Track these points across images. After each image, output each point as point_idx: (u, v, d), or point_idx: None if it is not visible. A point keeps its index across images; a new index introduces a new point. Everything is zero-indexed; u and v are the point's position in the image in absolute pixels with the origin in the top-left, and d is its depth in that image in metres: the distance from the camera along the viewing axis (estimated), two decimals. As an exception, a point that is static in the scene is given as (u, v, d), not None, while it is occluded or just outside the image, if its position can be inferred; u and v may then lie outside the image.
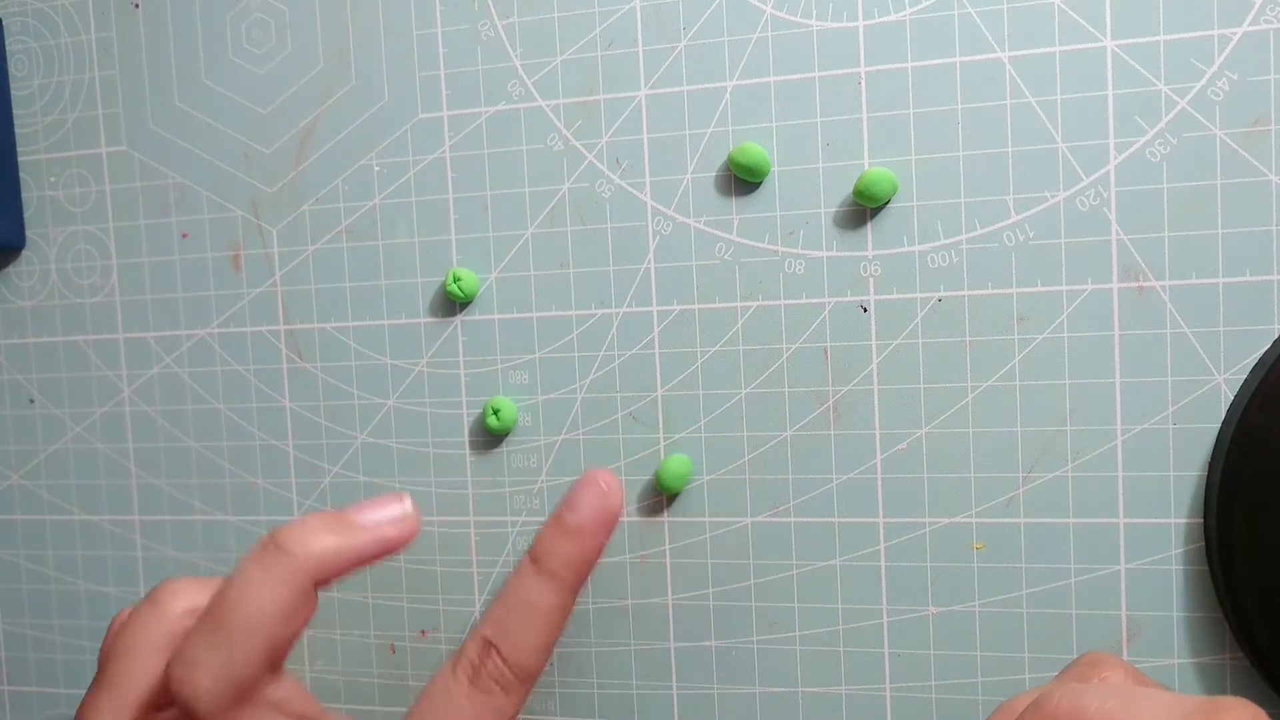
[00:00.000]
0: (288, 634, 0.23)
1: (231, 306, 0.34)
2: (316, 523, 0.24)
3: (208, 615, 0.23)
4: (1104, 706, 0.19)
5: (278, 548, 0.23)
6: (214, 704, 0.23)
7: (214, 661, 0.23)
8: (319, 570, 0.23)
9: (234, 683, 0.23)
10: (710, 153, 0.30)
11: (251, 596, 0.23)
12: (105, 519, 0.36)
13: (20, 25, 0.36)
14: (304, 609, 0.23)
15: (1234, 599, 0.27)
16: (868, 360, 0.29)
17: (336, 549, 0.24)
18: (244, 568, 0.23)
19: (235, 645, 0.23)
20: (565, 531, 0.27)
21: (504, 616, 0.26)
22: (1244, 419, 0.27)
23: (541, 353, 0.32)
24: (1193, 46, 0.27)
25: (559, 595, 0.26)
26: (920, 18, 0.28)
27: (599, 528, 0.27)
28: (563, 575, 0.26)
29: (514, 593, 0.26)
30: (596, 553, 0.27)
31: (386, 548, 0.24)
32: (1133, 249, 0.28)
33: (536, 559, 0.27)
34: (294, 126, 0.33)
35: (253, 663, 0.23)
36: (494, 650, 0.26)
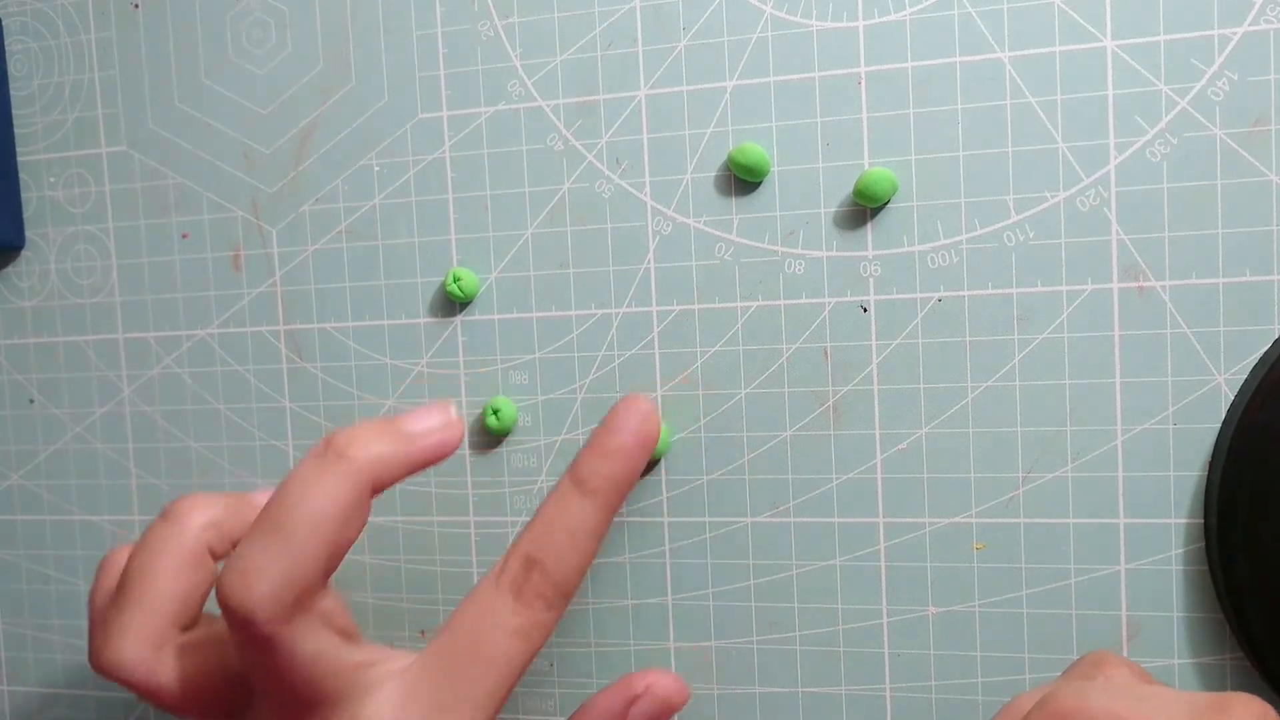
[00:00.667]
0: (346, 538, 0.23)
1: (231, 307, 0.34)
2: (371, 428, 0.24)
3: (263, 520, 0.22)
4: (1111, 705, 0.19)
5: (336, 451, 0.23)
6: (275, 613, 0.22)
7: (274, 568, 0.22)
8: (376, 475, 0.23)
9: (295, 590, 0.22)
10: (710, 153, 0.30)
11: (311, 499, 0.22)
12: (105, 519, 0.36)
13: (20, 25, 0.36)
14: (361, 514, 0.23)
15: (1234, 599, 0.27)
16: (868, 360, 0.29)
17: (391, 454, 0.23)
18: (301, 471, 0.23)
19: (295, 549, 0.22)
20: (607, 452, 0.26)
21: (546, 534, 0.25)
22: (1244, 419, 0.27)
23: (541, 353, 0.32)
24: (1193, 46, 0.27)
25: (600, 514, 0.26)
26: (920, 18, 0.28)
27: (641, 449, 0.26)
28: (605, 494, 0.26)
29: (556, 511, 0.26)
30: (635, 475, 0.27)
31: (436, 454, 0.24)
32: (1133, 249, 0.28)
33: (580, 479, 0.26)
34: (294, 126, 0.33)
35: (313, 568, 0.22)
36: (537, 565, 0.25)
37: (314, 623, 0.23)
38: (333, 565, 0.23)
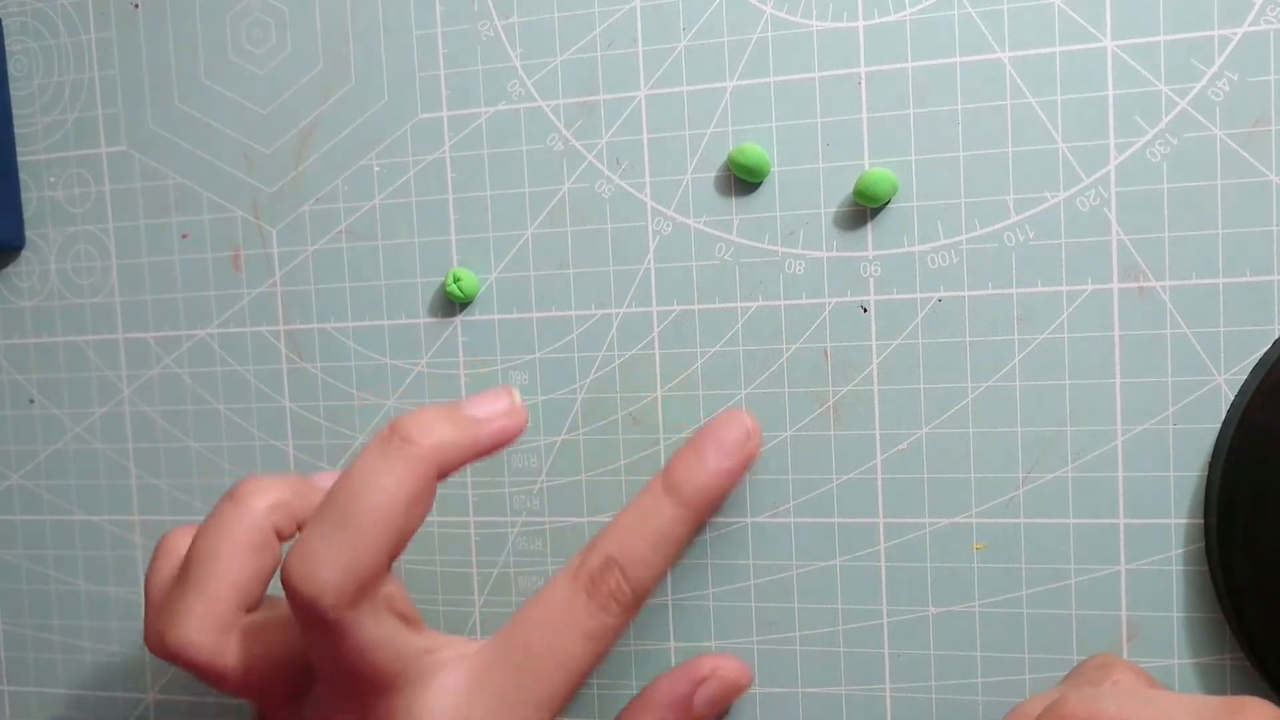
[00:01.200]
0: (410, 524, 0.22)
1: (231, 307, 0.34)
2: (436, 414, 0.23)
3: (329, 506, 0.22)
4: (1121, 710, 0.19)
5: (402, 437, 0.22)
6: (340, 599, 0.22)
7: (339, 554, 0.21)
8: (442, 462, 0.23)
9: (360, 576, 0.22)
10: (710, 153, 0.30)
11: (377, 485, 0.22)
12: (105, 519, 0.36)
13: (20, 25, 0.36)
14: (426, 502, 0.23)
15: (1234, 599, 0.27)
16: (868, 360, 0.29)
17: (456, 440, 0.23)
18: (366, 457, 0.22)
19: (361, 536, 0.22)
20: (709, 468, 0.26)
21: (631, 537, 0.25)
22: (1244, 419, 0.27)
23: (541, 353, 0.32)
24: (1193, 47, 0.27)
25: (689, 526, 0.25)
26: (920, 18, 0.28)
27: (742, 469, 0.27)
28: (698, 507, 0.26)
29: (645, 515, 0.25)
30: (730, 490, 0.26)
31: (501, 440, 0.24)
32: (1133, 249, 0.28)
33: (675, 487, 0.26)
34: (294, 126, 0.33)
35: (378, 555, 0.22)
36: (616, 567, 0.24)
37: (378, 608, 0.22)
38: (397, 552, 0.22)
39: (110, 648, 0.36)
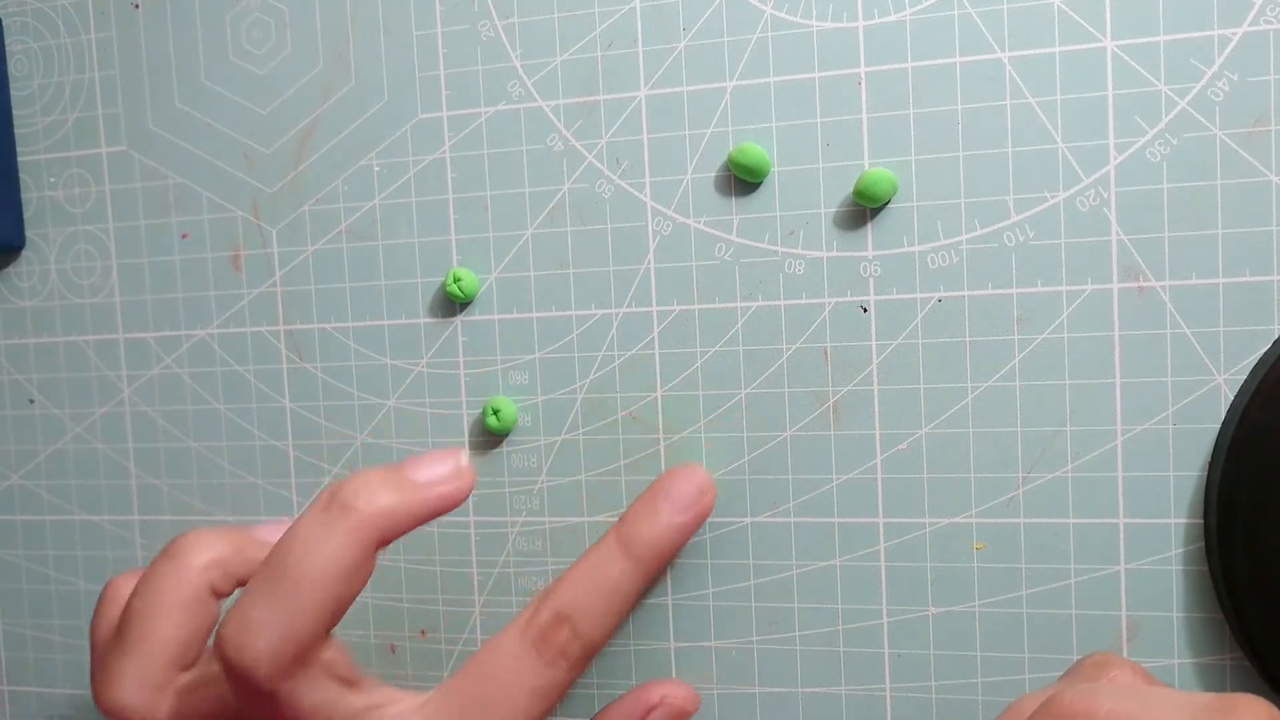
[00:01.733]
0: (349, 594, 0.22)
1: (231, 307, 0.34)
2: (377, 478, 0.23)
3: (266, 573, 0.22)
4: (1117, 706, 0.19)
5: (342, 504, 0.22)
6: (275, 669, 0.21)
7: (275, 624, 0.21)
8: (382, 529, 0.22)
9: (296, 646, 0.21)
10: (710, 153, 0.30)
11: (316, 554, 0.21)
12: (105, 519, 0.36)
13: (20, 25, 0.36)
14: (366, 569, 0.22)
15: (1234, 599, 0.27)
16: (868, 360, 0.29)
17: (397, 507, 0.22)
18: (305, 524, 0.22)
19: (298, 606, 0.21)
20: (661, 523, 0.26)
21: (583, 591, 0.25)
22: (1244, 419, 0.27)
23: (541, 353, 0.32)
24: (1193, 47, 0.27)
25: (638, 582, 0.25)
26: (920, 18, 0.28)
27: (695, 525, 0.27)
28: (649, 560, 0.25)
29: (597, 570, 0.25)
30: (681, 546, 0.27)
31: (444, 505, 0.23)
32: (1133, 249, 0.28)
33: (627, 541, 0.26)
34: (294, 126, 0.33)
35: (315, 625, 0.21)
36: (567, 623, 0.24)
37: (315, 675, 0.22)
38: (335, 620, 0.22)
39: (110, 648, 0.36)
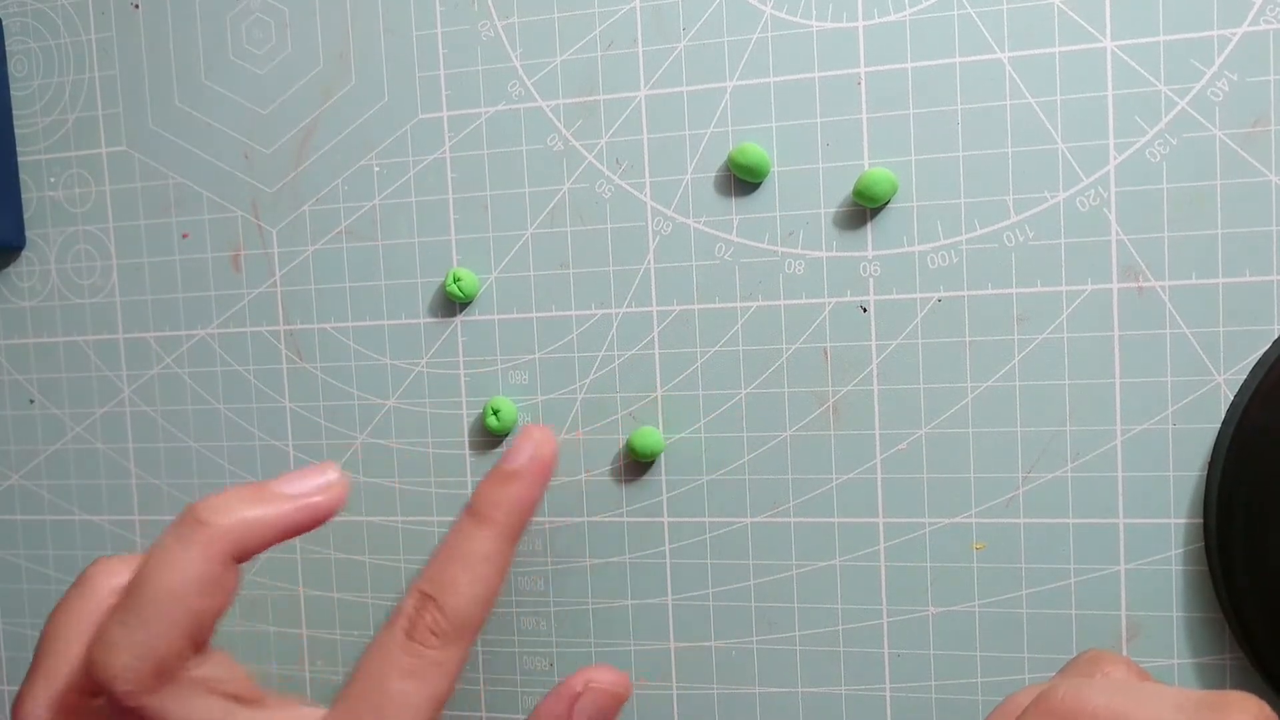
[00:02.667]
0: (208, 608, 0.22)
1: (231, 306, 0.34)
2: (237, 494, 0.23)
3: (125, 593, 0.22)
4: (1109, 702, 0.19)
5: (195, 519, 0.22)
6: (133, 684, 0.22)
7: (131, 640, 0.22)
8: (238, 542, 0.22)
9: (153, 661, 0.22)
10: (710, 153, 0.30)
11: (167, 570, 0.22)
12: (105, 519, 0.36)
13: (20, 25, 0.36)
14: (223, 582, 0.22)
15: (1234, 599, 0.27)
16: (868, 360, 0.29)
17: (256, 519, 0.23)
18: (161, 541, 0.22)
19: (151, 622, 0.22)
20: (501, 478, 0.26)
21: (440, 568, 0.25)
22: (1244, 419, 0.27)
23: (541, 353, 0.32)
24: (1193, 47, 0.27)
25: (496, 542, 0.25)
26: (920, 18, 0.28)
27: (534, 472, 0.26)
28: (499, 520, 0.26)
29: (451, 544, 0.26)
30: (532, 499, 0.26)
31: (310, 516, 0.24)
32: (1132, 249, 0.28)
33: (473, 509, 0.26)
34: (294, 127, 0.33)
35: (171, 639, 0.22)
36: (430, 602, 0.25)
37: (186, 692, 0.22)
38: (198, 634, 0.22)
39: (110, 648, 0.36)
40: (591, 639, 0.32)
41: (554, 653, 0.32)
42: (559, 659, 0.32)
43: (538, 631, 0.33)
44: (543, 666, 0.33)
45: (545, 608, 0.32)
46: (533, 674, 0.33)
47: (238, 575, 0.23)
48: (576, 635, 0.32)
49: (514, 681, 0.33)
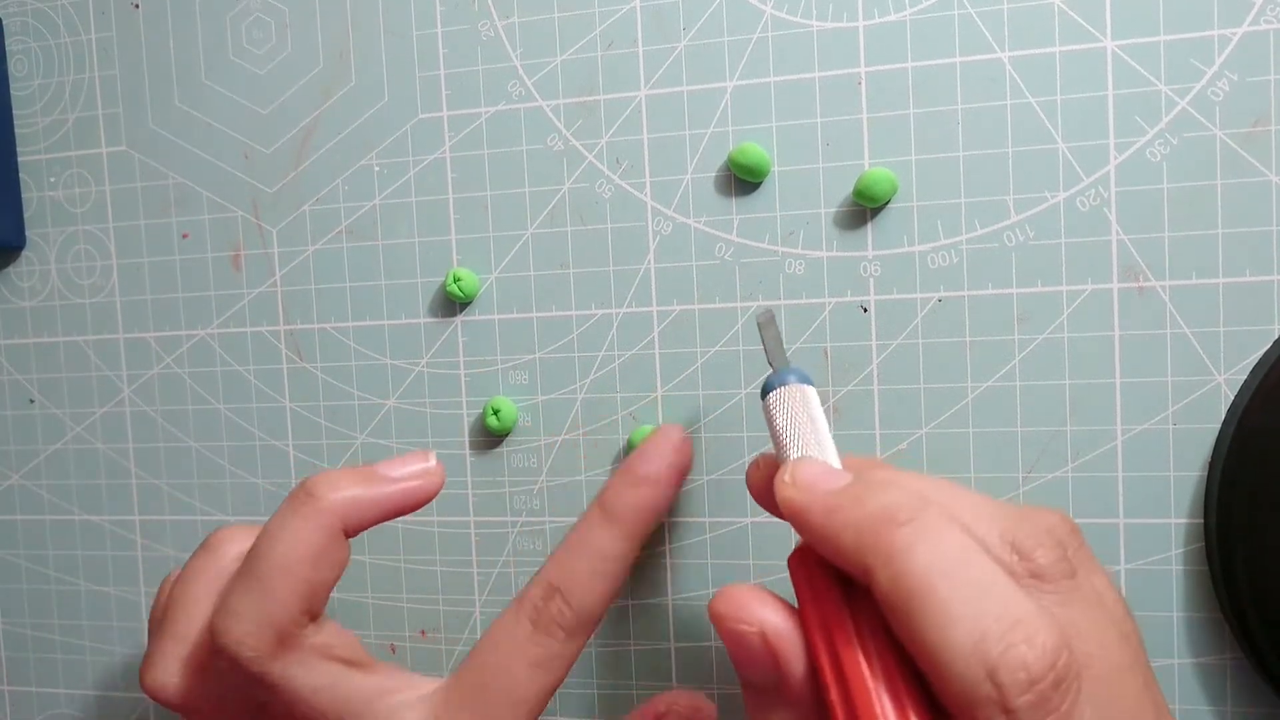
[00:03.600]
0: (321, 578, 0.24)
1: (231, 306, 0.34)
2: (347, 473, 0.25)
3: (244, 563, 0.24)
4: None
5: (307, 493, 0.24)
6: (257, 650, 0.23)
7: (250, 608, 0.23)
8: (346, 515, 0.24)
9: (273, 628, 0.23)
10: (710, 153, 0.30)
11: (284, 542, 0.23)
12: (105, 519, 0.36)
13: (20, 25, 0.36)
14: (334, 553, 0.24)
15: (1234, 599, 0.27)
16: (868, 360, 0.29)
17: (364, 497, 0.24)
18: (277, 515, 0.24)
19: (269, 590, 0.23)
20: (635, 480, 0.27)
21: (569, 561, 0.26)
22: (1244, 419, 0.27)
23: (541, 353, 0.32)
24: (1193, 46, 0.27)
25: (626, 542, 0.26)
26: (920, 18, 0.28)
27: (669, 477, 0.27)
28: (630, 522, 0.26)
29: (581, 538, 0.26)
30: (665, 503, 0.27)
31: (411, 499, 0.25)
32: (1133, 249, 0.28)
33: (605, 506, 0.26)
34: (294, 126, 0.33)
35: (289, 607, 0.23)
36: (558, 594, 0.25)
37: (307, 657, 0.24)
38: (314, 603, 0.24)
39: (110, 648, 0.36)
40: (592, 638, 0.32)
41: (554, 653, 0.32)
42: (559, 659, 0.32)
43: (538, 631, 0.33)
44: (543, 666, 0.33)
45: (545, 608, 0.32)
46: (533, 674, 0.33)
47: (347, 549, 0.24)
48: (576, 635, 0.32)
49: (514, 681, 0.33)
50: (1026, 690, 0.17)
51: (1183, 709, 0.28)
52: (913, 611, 0.18)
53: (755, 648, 0.20)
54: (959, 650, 0.17)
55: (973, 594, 0.18)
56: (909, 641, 0.18)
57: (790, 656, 0.20)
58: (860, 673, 0.18)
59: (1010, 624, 0.17)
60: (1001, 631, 0.17)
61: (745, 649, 0.20)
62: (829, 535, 0.20)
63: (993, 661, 0.17)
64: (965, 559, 0.18)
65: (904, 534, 0.18)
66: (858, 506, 0.19)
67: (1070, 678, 0.17)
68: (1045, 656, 0.17)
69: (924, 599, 0.18)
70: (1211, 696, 0.28)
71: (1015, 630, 0.17)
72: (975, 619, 0.17)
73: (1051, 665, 0.17)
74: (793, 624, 0.20)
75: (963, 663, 0.17)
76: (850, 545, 0.19)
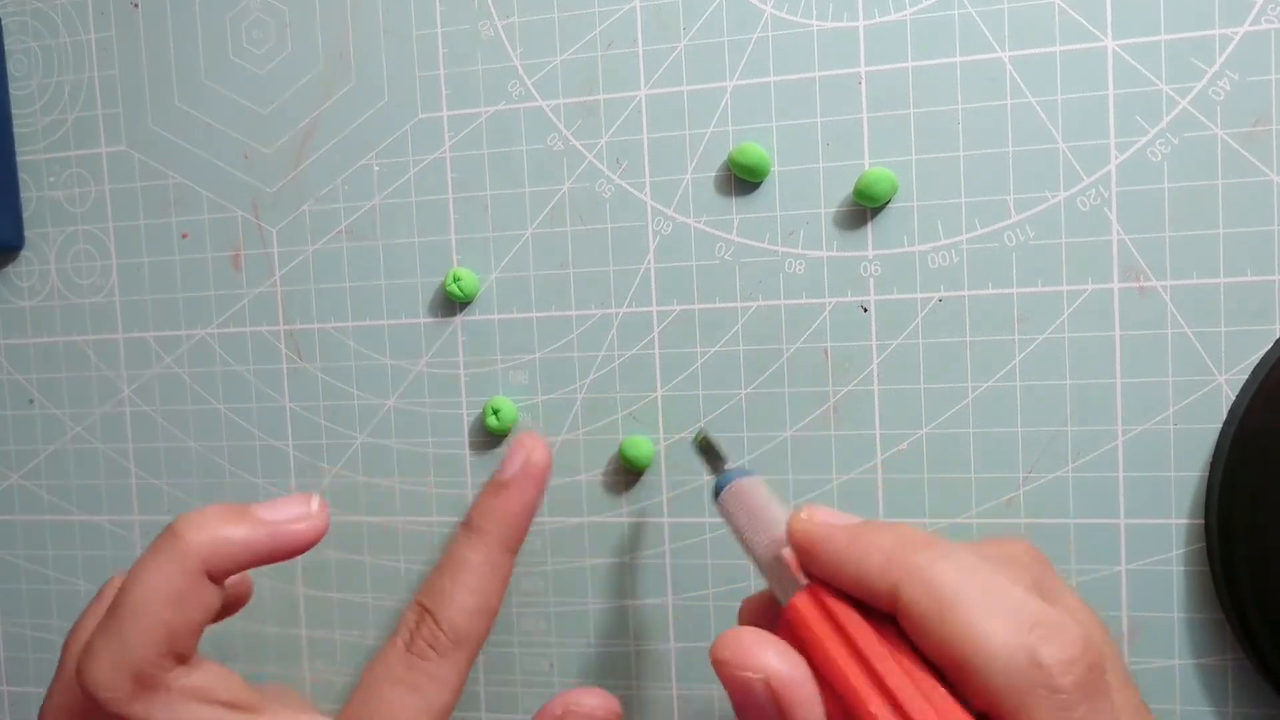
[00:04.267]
0: (183, 620, 0.23)
1: (231, 306, 0.34)
2: (216, 512, 0.23)
3: (111, 604, 0.23)
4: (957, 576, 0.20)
5: (171, 533, 0.23)
6: (113, 691, 0.22)
7: (107, 649, 0.22)
8: (211, 557, 0.23)
9: (129, 669, 0.22)
10: (710, 153, 0.30)
11: (142, 582, 0.22)
12: (105, 519, 0.36)
13: (20, 25, 0.36)
14: (197, 595, 0.23)
15: (1234, 599, 0.27)
16: (868, 360, 0.29)
17: (230, 538, 0.23)
18: (142, 555, 0.23)
19: (125, 632, 0.22)
20: (493, 489, 0.28)
21: (438, 581, 0.26)
22: (1245, 419, 0.26)
23: (541, 353, 0.32)
24: (1193, 46, 0.27)
25: (488, 551, 0.27)
26: (920, 18, 0.28)
27: (525, 481, 0.28)
28: (490, 530, 0.27)
29: (449, 557, 0.27)
30: (525, 507, 0.28)
31: (285, 544, 0.24)
32: (1133, 249, 0.27)
33: (467, 521, 0.27)
34: (294, 126, 0.33)
35: (146, 649, 0.22)
36: (428, 615, 0.26)
37: (173, 700, 0.23)
38: (176, 644, 0.23)
39: (110, 648, 0.36)
40: (591, 639, 0.32)
41: (554, 653, 0.32)
42: (559, 659, 0.32)
43: (538, 632, 0.32)
44: (543, 667, 0.33)
45: (545, 608, 0.32)
46: (533, 674, 0.33)
47: (215, 592, 0.23)
48: (576, 635, 0.32)
49: (514, 682, 0.33)
50: (1069, 670, 0.18)
51: (1184, 710, 0.28)
52: (946, 617, 0.19)
53: (759, 695, 0.20)
54: (1000, 641, 0.18)
55: (1003, 597, 0.19)
56: (944, 647, 0.19)
57: (795, 702, 0.20)
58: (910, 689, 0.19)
59: (1042, 618, 0.19)
60: (1036, 623, 0.18)
61: (749, 696, 0.20)
62: (855, 558, 0.20)
63: (1032, 645, 0.18)
64: (987, 571, 0.19)
65: (928, 553, 0.20)
66: (882, 533, 0.21)
67: (1100, 663, 0.18)
68: (1078, 642, 0.18)
69: (956, 604, 0.19)
70: (1213, 697, 0.28)
71: (1047, 623, 0.19)
72: (1011, 614, 0.19)
73: (1085, 650, 0.18)
74: (800, 669, 0.20)
75: (1006, 652, 0.18)
76: (877, 566, 0.20)
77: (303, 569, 0.34)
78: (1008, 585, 0.19)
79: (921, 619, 0.19)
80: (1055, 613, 0.19)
